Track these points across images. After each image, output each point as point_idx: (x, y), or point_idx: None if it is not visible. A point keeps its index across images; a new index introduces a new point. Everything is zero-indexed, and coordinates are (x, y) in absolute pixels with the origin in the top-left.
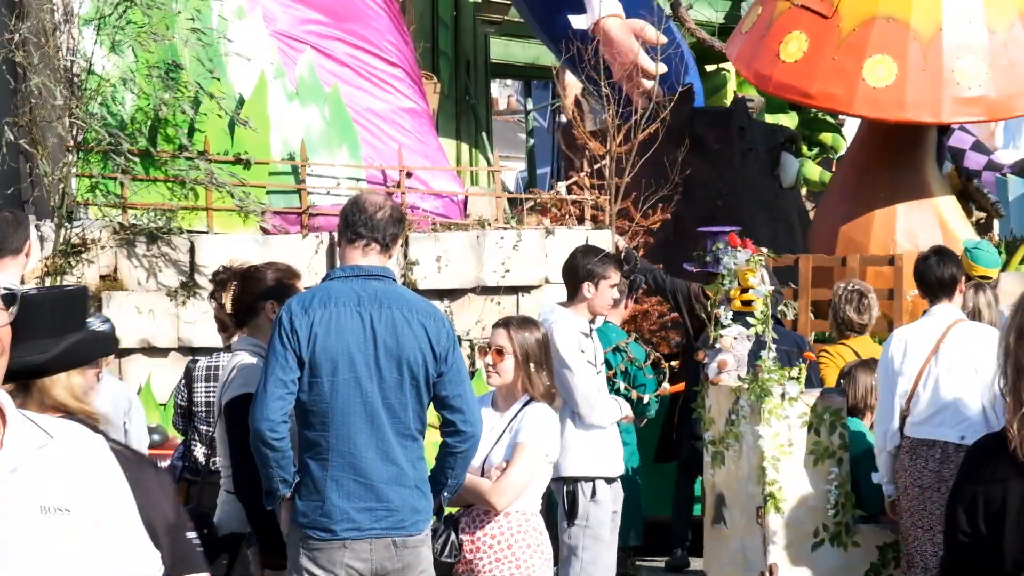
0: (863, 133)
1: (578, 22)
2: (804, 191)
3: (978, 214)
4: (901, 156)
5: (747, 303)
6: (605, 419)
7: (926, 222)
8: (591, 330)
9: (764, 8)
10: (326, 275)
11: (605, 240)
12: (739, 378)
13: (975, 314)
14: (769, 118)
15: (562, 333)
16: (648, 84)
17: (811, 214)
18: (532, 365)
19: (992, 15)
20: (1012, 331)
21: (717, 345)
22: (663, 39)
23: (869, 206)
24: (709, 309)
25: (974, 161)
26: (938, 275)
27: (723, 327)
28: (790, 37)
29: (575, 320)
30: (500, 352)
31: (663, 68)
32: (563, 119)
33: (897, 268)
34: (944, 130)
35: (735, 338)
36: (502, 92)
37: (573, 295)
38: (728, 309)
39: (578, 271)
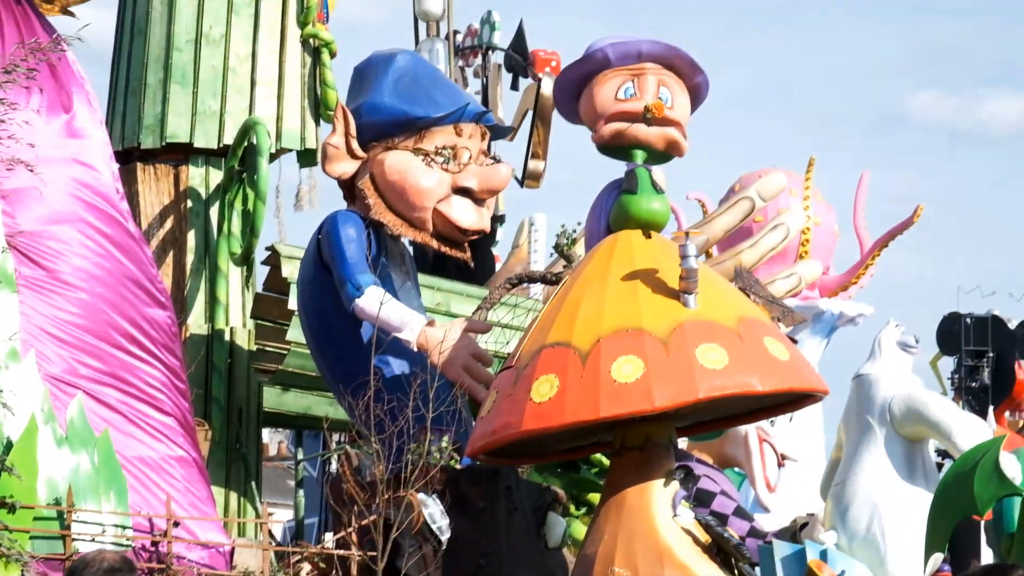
0: (607, 482)
1: (404, 337)
2: (571, 551)
3: None
4: (627, 498)
5: None
6: None
7: (646, 556)
8: None
9: None
10: None
11: None
12: None
13: None
14: (538, 477)
15: None
16: (488, 371)
17: None
18: None
19: (651, 322)
20: None
21: None
22: (489, 326)
23: (595, 546)
24: None
25: (737, 527)
26: None
27: None
28: (486, 400)
29: None
30: None
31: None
32: (333, 470)
33: None
34: (688, 477)
35: None
36: (273, 438)
37: None
38: None
39: None
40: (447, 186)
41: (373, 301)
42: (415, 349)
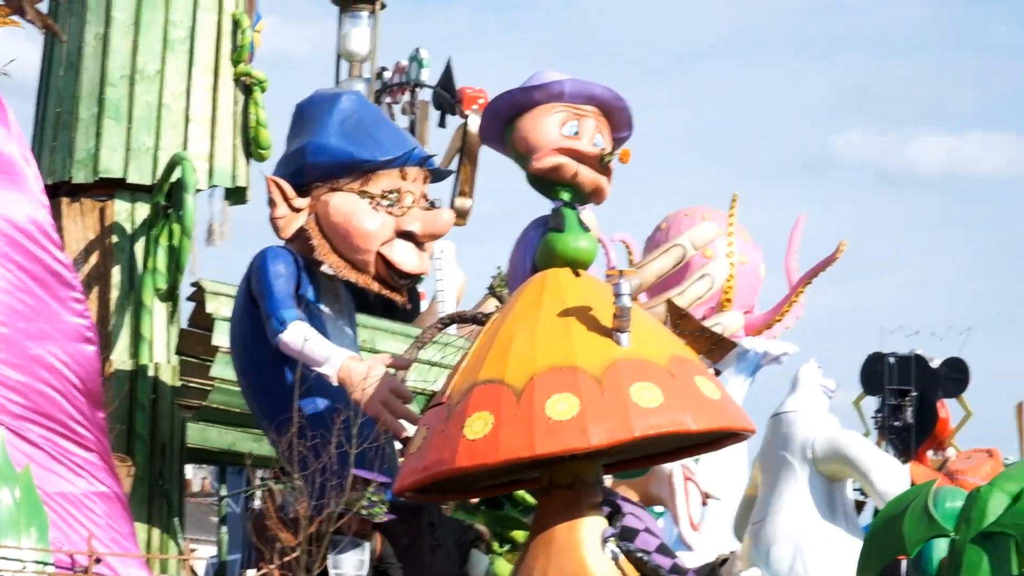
0: (535, 520)
1: (325, 371)
2: None
3: None
4: (556, 536)
5: None
6: None
7: None
8: None
9: None
10: None
11: None
12: None
13: None
14: (461, 515)
15: None
16: (408, 407)
17: None
18: None
19: (584, 360)
20: None
21: None
22: (411, 362)
23: None
24: None
25: (661, 563)
26: None
27: None
28: (416, 437)
29: None
30: None
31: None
32: (256, 507)
33: None
34: (615, 514)
35: None
36: (196, 474)
37: None
38: None
39: None
40: (391, 229)
41: (296, 336)
42: (335, 383)
